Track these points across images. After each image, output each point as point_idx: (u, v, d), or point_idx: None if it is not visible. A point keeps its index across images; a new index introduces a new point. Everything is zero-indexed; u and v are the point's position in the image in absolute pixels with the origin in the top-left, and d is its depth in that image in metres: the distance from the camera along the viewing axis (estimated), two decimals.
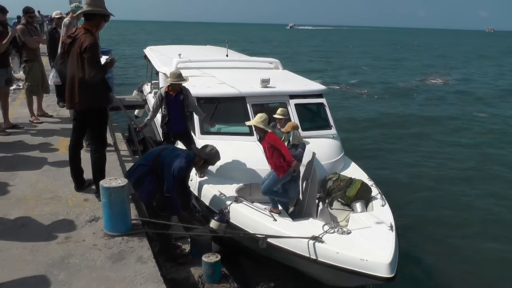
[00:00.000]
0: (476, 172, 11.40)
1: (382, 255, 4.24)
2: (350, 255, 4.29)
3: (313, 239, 4.46)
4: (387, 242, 4.48)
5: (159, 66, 8.93)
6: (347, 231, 4.62)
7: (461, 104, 20.83)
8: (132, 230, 4.46)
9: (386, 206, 5.52)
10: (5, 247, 4.08)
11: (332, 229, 4.66)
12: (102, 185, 4.29)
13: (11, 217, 4.66)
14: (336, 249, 4.36)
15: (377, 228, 4.76)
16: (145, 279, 3.74)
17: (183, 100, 6.20)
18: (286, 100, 7.07)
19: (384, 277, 4.13)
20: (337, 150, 6.85)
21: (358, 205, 5.58)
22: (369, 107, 19.44)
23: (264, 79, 7.09)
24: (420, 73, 33.21)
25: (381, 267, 4.15)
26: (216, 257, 4.46)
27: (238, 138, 6.61)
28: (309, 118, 7.55)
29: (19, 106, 8.93)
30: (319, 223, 4.87)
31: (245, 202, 5.35)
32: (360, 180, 5.86)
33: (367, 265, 4.19)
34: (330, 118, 7.30)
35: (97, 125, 5.10)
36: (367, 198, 5.71)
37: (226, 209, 5.26)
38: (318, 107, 7.52)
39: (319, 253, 4.43)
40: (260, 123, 5.38)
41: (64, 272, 3.78)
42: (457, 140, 14.49)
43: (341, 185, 5.80)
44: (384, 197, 5.75)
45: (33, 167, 6.06)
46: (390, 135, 14.83)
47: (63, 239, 4.29)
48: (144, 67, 12.91)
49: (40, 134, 7.61)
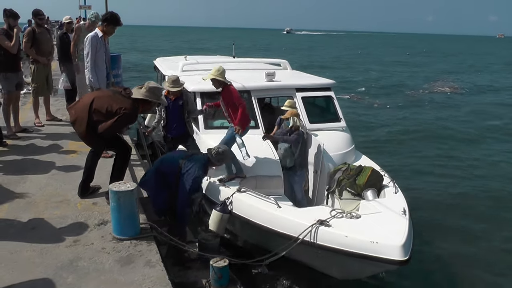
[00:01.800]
0: (496, 167, 11.54)
1: (394, 237, 3.95)
2: (359, 239, 4.02)
3: (320, 223, 4.23)
4: (400, 225, 4.18)
5: (165, 70, 8.96)
6: (356, 216, 4.37)
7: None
8: (140, 234, 4.48)
9: (399, 193, 5.24)
10: (15, 249, 4.11)
11: (340, 214, 4.41)
12: (111, 189, 4.32)
13: (22, 220, 4.69)
14: (344, 233, 4.11)
15: (389, 213, 4.47)
16: (153, 283, 3.74)
17: (182, 105, 6.15)
18: (293, 94, 6.98)
19: (397, 260, 3.82)
20: (347, 142, 6.72)
21: (369, 193, 5.27)
22: (381, 114, 19.35)
23: (269, 73, 7.05)
24: (432, 80, 32.90)
25: (393, 250, 3.84)
26: (224, 261, 4.45)
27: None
28: (318, 111, 7.49)
29: (29, 110, 9.01)
30: (326, 209, 4.64)
31: (249, 192, 5.22)
32: (370, 167, 5.58)
33: (378, 248, 3.89)
34: (339, 111, 7.20)
35: (110, 142, 5.15)
36: (379, 186, 5.41)
37: (229, 200, 5.21)
38: (326, 101, 7.44)
39: (326, 238, 4.17)
40: (218, 76, 5.26)
41: (72, 275, 3.79)
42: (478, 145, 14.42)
43: (350, 173, 5.49)
44: (397, 185, 5.47)
45: (43, 170, 6.11)
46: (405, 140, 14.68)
47: (72, 242, 4.31)
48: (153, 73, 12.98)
49: (49, 137, 7.68)
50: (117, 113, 4.70)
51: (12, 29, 7.33)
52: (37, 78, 8.35)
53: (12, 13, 7.38)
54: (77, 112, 4.92)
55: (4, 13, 7.40)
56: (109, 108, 4.73)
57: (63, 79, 8.75)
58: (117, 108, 4.70)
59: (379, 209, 4.57)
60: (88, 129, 4.82)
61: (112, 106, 4.73)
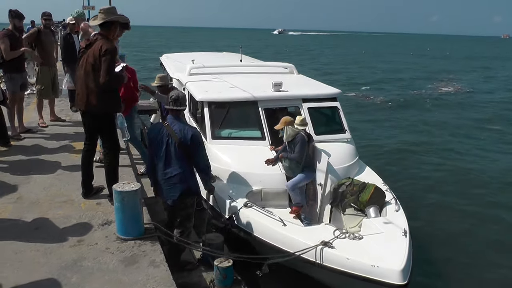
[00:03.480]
0: (499, 179, 11.11)
1: (394, 261, 4.11)
2: (361, 261, 4.16)
3: (323, 244, 4.35)
4: (400, 248, 4.34)
5: (173, 72, 8.97)
6: (359, 237, 4.51)
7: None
8: (144, 234, 4.48)
9: (401, 211, 5.36)
10: (19, 249, 4.12)
11: (343, 234, 4.55)
12: (115, 189, 4.32)
13: (26, 220, 4.71)
14: (347, 255, 4.25)
15: (390, 234, 4.62)
16: (158, 283, 3.74)
17: None
18: (299, 104, 6.95)
19: (396, 285, 3.98)
20: (351, 155, 6.71)
21: (372, 210, 5.42)
22: (385, 115, 19.31)
23: (276, 82, 7.02)
24: (434, 80, 32.83)
25: (393, 274, 4.00)
26: (228, 262, 4.44)
27: (249, 142, 6.54)
28: (323, 122, 7.43)
29: (33, 111, 9.04)
30: (330, 229, 4.77)
31: (255, 207, 5.29)
32: (373, 184, 5.69)
33: (379, 272, 4.06)
34: (344, 122, 7.16)
35: (108, 128, 5.15)
36: (381, 203, 5.55)
37: (235, 215, 5.23)
38: (332, 111, 7.39)
39: (329, 259, 4.32)
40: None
41: (77, 275, 3.80)
42: (480, 146, 14.29)
43: (354, 189, 5.63)
44: (399, 202, 5.59)
45: (47, 171, 6.13)
46: (409, 142, 14.58)
47: (76, 242, 4.32)
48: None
49: (53, 138, 7.70)
50: (100, 57, 4.72)
51: (17, 29, 7.38)
52: (42, 80, 8.39)
53: (18, 14, 7.40)
54: (80, 95, 4.97)
55: (10, 14, 7.42)
56: (92, 62, 4.78)
57: (67, 79, 8.78)
58: (96, 55, 4.74)
59: (381, 229, 4.70)
60: (98, 96, 4.84)
61: (92, 59, 4.78)
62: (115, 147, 5.24)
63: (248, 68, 9.26)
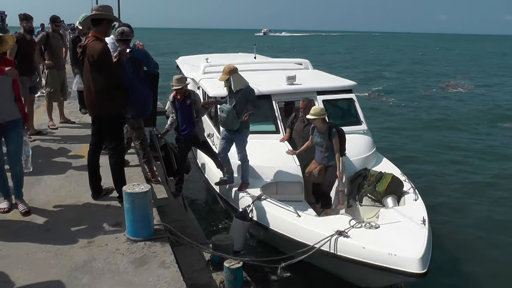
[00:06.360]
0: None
1: (413, 249, 3.93)
2: (377, 250, 4.02)
3: (338, 234, 4.23)
4: (419, 237, 4.16)
5: (188, 72, 8.98)
6: (375, 226, 4.36)
7: None
8: (154, 235, 4.47)
9: (419, 200, 5.21)
10: (31, 251, 4.14)
11: (359, 223, 4.40)
12: (125, 190, 4.31)
13: (36, 222, 4.73)
14: (363, 244, 4.12)
15: (407, 223, 4.45)
16: (168, 284, 3.73)
17: (190, 105, 6.18)
18: (314, 97, 6.90)
19: (415, 273, 3.81)
20: (368, 146, 6.66)
21: (389, 200, 5.27)
22: (395, 114, 19.19)
23: (290, 76, 6.98)
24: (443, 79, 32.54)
25: (411, 262, 3.83)
26: (238, 263, 4.43)
27: (263, 136, 6.51)
28: (339, 114, 7.40)
29: (43, 113, 9.09)
30: (345, 218, 4.64)
31: (269, 200, 5.24)
32: (390, 173, 5.54)
33: (396, 261, 3.89)
34: (360, 113, 7.10)
35: (113, 130, 5.15)
36: (399, 192, 5.39)
37: (249, 207, 5.19)
38: (347, 103, 7.33)
39: (344, 248, 4.18)
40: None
41: (87, 276, 3.81)
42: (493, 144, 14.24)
43: (371, 180, 5.49)
44: (417, 191, 5.44)
45: (57, 172, 6.16)
46: (424, 140, 14.59)
47: (86, 243, 4.33)
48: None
49: (63, 140, 7.74)
50: (97, 59, 4.70)
51: (27, 31, 7.50)
52: (51, 83, 8.45)
53: (25, 16, 7.60)
54: (88, 101, 5.02)
55: (19, 17, 7.63)
56: (89, 65, 4.79)
57: (77, 80, 8.82)
58: (91, 61, 4.73)
59: (399, 218, 4.54)
60: (109, 94, 4.84)
61: (89, 62, 4.78)
62: (121, 147, 5.25)
63: (262, 65, 9.27)
